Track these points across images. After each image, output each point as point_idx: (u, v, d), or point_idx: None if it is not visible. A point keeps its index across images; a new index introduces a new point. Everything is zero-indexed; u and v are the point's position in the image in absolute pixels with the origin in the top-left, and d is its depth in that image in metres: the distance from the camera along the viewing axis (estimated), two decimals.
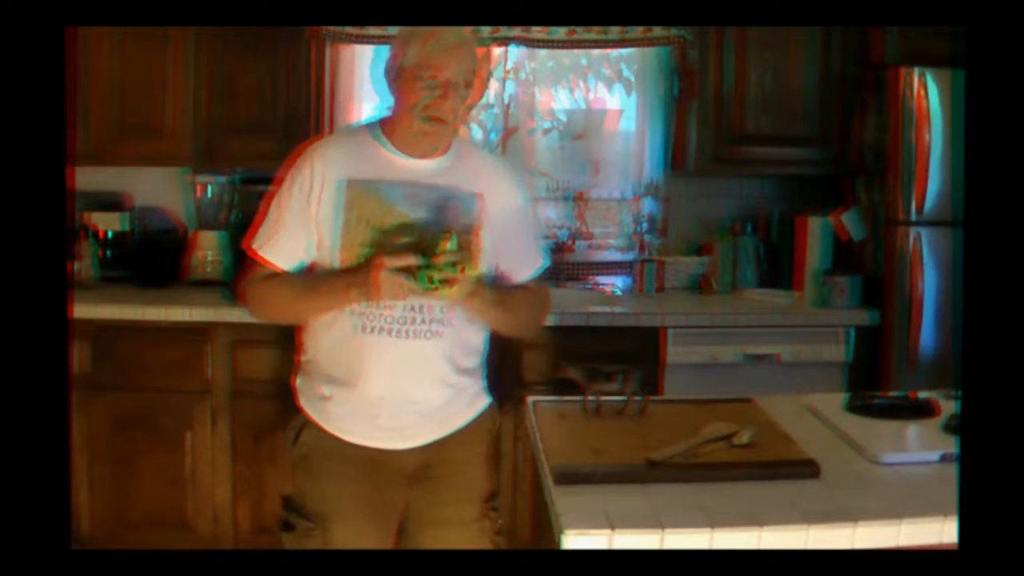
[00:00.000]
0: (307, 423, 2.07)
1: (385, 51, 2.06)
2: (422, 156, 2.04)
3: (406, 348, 1.99)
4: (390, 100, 2.07)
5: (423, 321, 1.98)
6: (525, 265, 2.17)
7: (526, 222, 2.18)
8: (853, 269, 3.54)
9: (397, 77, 2.00)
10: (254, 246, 2.06)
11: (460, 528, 2.12)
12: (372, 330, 1.97)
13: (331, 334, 2.02)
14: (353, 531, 2.03)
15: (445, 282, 1.87)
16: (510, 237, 2.11)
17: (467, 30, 2.09)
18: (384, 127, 2.07)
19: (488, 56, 3.66)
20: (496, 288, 2.06)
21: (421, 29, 1.99)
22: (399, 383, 2.00)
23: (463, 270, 1.88)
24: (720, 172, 3.82)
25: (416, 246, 1.91)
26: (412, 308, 1.98)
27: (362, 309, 1.97)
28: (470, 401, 2.13)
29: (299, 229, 2.01)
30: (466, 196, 2.05)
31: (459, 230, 1.94)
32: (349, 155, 2.04)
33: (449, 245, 1.88)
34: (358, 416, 2.02)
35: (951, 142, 3.27)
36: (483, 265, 1.98)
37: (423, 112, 1.97)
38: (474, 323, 2.06)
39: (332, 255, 1.99)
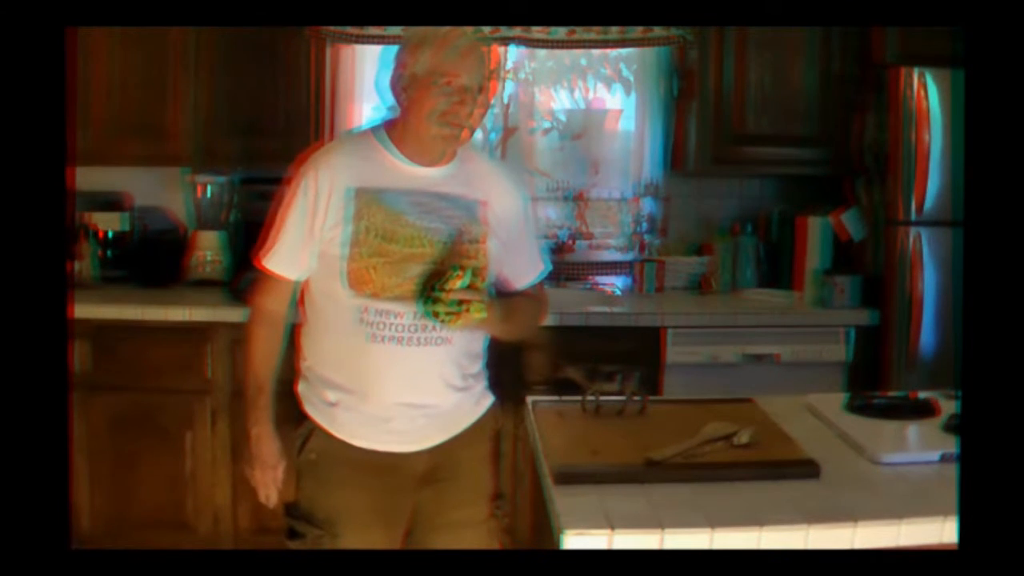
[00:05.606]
0: (315, 429, 2.04)
1: (390, 58, 2.03)
2: (430, 163, 2.02)
3: (417, 356, 1.97)
4: (391, 102, 2.05)
5: (433, 328, 1.96)
6: (528, 270, 2.17)
7: (528, 227, 2.18)
8: (853, 269, 3.54)
9: (410, 84, 1.96)
10: (261, 258, 2.04)
11: (470, 529, 2.11)
12: (383, 339, 1.95)
13: (337, 342, 2.00)
14: (363, 537, 2.01)
15: (450, 314, 1.89)
16: (513, 243, 2.10)
17: (472, 31, 2.08)
18: (390, 132, 2.04)
19: (497, 59, 3.66)
20: (501, 303, 2.04)
21: (431, 35, 1.96)
22: (411, 390, 1.99)
23: (468, 310, 1.89)
24: (720, 172, 3.82)
25: (429, 276, 1.92)
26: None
27: (371, 318, 1.95)
28: (477, 401, 2.13)
29: (305, 239, 1.98)
30: (471, 203, 2.03)
31: (473, 266, 1.93)
32: (356, 161, 2.01)
33: (460, 283, 1.88)
34: (368, 421, 2.00)
35: (951, 142, 3.27)
36: (489, 308, 1.96)
37: (441, 118, 1.94)
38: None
39: (341, 265, 1.95)
